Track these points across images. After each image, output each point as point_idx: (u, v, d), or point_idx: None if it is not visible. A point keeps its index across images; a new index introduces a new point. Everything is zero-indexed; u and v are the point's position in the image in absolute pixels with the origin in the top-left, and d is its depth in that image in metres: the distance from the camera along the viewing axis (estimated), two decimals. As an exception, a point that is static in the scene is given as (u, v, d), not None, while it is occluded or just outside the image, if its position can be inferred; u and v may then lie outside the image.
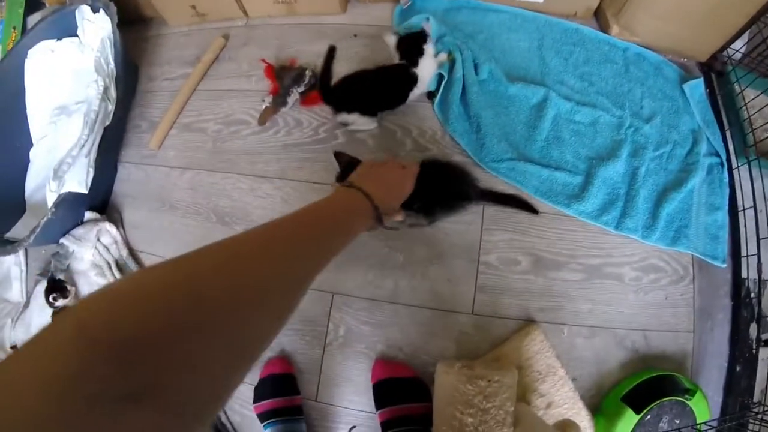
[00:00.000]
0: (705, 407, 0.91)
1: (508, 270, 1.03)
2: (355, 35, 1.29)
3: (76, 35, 1.27)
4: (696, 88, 1.20)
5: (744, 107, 1.14)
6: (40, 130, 1.27)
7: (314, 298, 1.04)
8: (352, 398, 1.00)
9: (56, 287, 1.05)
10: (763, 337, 1.03)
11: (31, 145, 1.28)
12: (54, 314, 1.04)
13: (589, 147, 1.12)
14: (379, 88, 1.08)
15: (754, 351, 1.00)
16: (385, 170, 0.79)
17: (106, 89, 1.14)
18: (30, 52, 1.24)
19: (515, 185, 1.08)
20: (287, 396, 0.98)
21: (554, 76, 1.19)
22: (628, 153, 1.10)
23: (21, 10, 1.38)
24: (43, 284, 1.07)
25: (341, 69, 1.17)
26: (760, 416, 0.89)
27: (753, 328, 1.02)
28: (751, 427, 0.92)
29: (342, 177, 0.92)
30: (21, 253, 1.22)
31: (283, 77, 1.17)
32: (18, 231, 1.14)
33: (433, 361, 0.95)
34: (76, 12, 1.23)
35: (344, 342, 1.02)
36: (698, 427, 0.90)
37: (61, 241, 1.11)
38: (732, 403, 0.99)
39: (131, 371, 0.29)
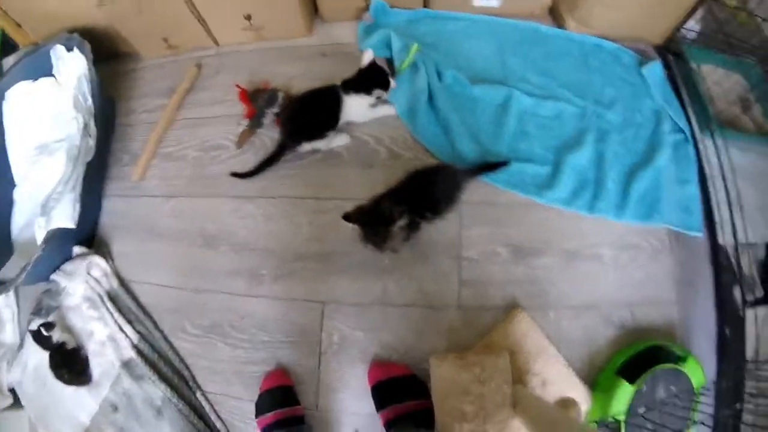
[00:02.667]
0: (699, 371, 1.02)
1: (489, 262, 1.16)
2: (324, 55, 1.47)
3: (52, 75, 1.41)
4: (654, 70, 1.36)
5: (702, 82, 1.29)
6: (22, 169, 1.40)
7: (306, 309, 1.17)
8: (352, 403, 1.10)
9: (42, 326, 1.15)
10: (748, 298, 1.14)
11: (14, 185, 1.40)
12: (51, 353, 1.13)
13: (555, 138, 1.27)
14: (318, 110, 1.24)
15: (740, 313, 1.12)
16: None
17: (86, 125, 1.28)
18: (7, 93, 1.38)
19: (487, 181, 1.21)
20: (288, 407, 1.08)
21: (516, 74, 1.36)
22: (593, 139, 1.25)
23: (-5, 53, 1.52)
24: (34, 325, 1.17)
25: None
26: (755, 372, 0.96)
27: (737, 291, 1.13)
28: (747, 385, 1.00)
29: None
30: (12, 294, 1.33)
31: (258, 100, 1.34)
32: (7, 273, 1.24)
33: (426, 358, 1.07)
34: (51, 52, 1.37)
35: (339, 349, 1.13)
36: (696, 392, 0.98)
37: (52, 277, 1.23)
38: (726, 366, 1.09)
39: None
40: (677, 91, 1.36)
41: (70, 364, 1.14)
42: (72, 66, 1.35)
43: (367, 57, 1.24)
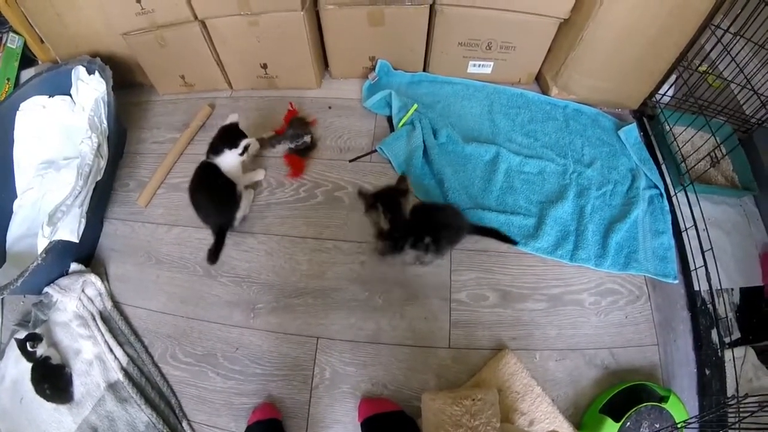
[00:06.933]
0: (681, 408, 1.14)
1: (478, 305, 1.31)
2: (330, 107, 1.70)
3: (68, 94, 1.58)
4: (630, 132, 1.61)
5: (674, 141, 1.54)
6: (25, 182, 1.53)
7: (300, 343, 1.28)
8: (341, 438, 1.19)
9: (28, 337, 1.23)
10: (726, 340, 1.30)
11: (15, 196, 1.52)
12: (34, 366, 1.20)
13: (539, 193, 1.48)
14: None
15: (719, 353, 1.26)
16: None
17: (99, 146, 1.43)
18: (22, 105, 1.54)
19: None
20: (276, 440, 1.13)
21: (504, 135, 1.60)
22: (574, 194, 1.46)
23: (16, 64, 1.72)
24: (21, 335, 1.24)
25: (320, 136, 1.59)
26: (737, 407, 1.06)
27: (714, 334, 1.29)
28: (730, 420, 1.11)
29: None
30: (-3, 303, 1.40)
31: (292, 127, 1.54)
32: (-3, 280, 1.32)
33: (417, 396, 1.18)
34: (72, 72, 1.54)
35: (330, 384, 1.23)
36: (679, 425, 1.09)
37: (46, 290, 1.32)
38: (708, 404, 1.22)
39: None
40: (652, 150, 1.60)
41: (53, 380, 1.20)
42: (90, 88, 1.53)
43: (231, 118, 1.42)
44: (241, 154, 1.36)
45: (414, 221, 1.20)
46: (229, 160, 1.36)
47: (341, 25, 1.56)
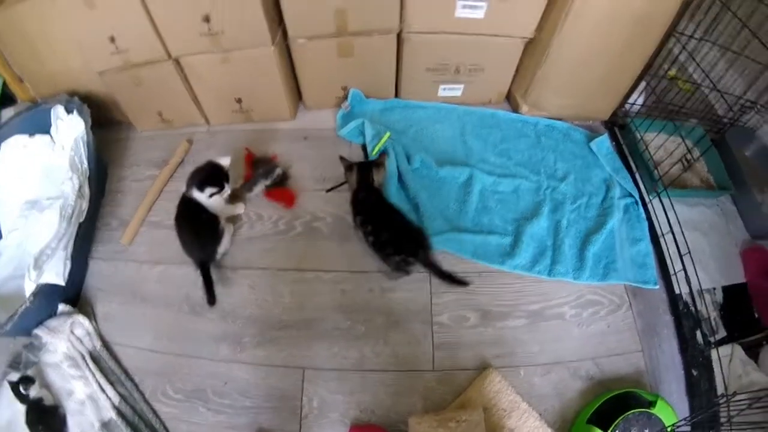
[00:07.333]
0: (670, 412, 1.16)
1: (459, 326, 1.35)
2: (305, 137, 1.74)
3: (49, 133, 1.59)
4: (601, 143, 1.66)
5: (646, 149, 1.59)
6: (10, 222, 1.54)
7: (286, 374, 1.30)
8: (331, 468, 1.20)
9: (21, 380, 1.24)
10: (711, 339, 1.32)
11: (0, 237, 1.52)
12: (28, 408, 1.21)
13: (514, 211, 1.52)
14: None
15: (705, 353, 1.29)
16: None
17: (80, 187, 1.44)
18: (3, 144, 1.55)
19: (455, 253, 1.43)
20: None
21: (477, 156, 1.64)
22: (549, 210, 1.50)
23: (-4, 103, 1.72)
24: (13, 377, 1.25)
25: (297, 167, 1.63)
26: (727, 404, 1.08)
27: (699, 335, 1.32)
28: (722, 417, 1.13)
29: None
30: (-13, 346, 1.38)
31: (258, 167, 1.57)
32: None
33: (404, 419, 1.20)
34: (51, 111, 1.56)
35: (319, 413, 1.25)
36: (669, 429, 1.11)
37: (35, 332, 1.32)
38: (698, 405, 1.24)
39: None
40: (625, 159, 1.65)
41: (47, 421, 1.21)
42: (70, 128, 1.53)
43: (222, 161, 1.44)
44: (210, 197, 1.37)
45: (374, 206, 1.35)
46: (202, 199, 1.38)
47: (312, 58, 1.61)
